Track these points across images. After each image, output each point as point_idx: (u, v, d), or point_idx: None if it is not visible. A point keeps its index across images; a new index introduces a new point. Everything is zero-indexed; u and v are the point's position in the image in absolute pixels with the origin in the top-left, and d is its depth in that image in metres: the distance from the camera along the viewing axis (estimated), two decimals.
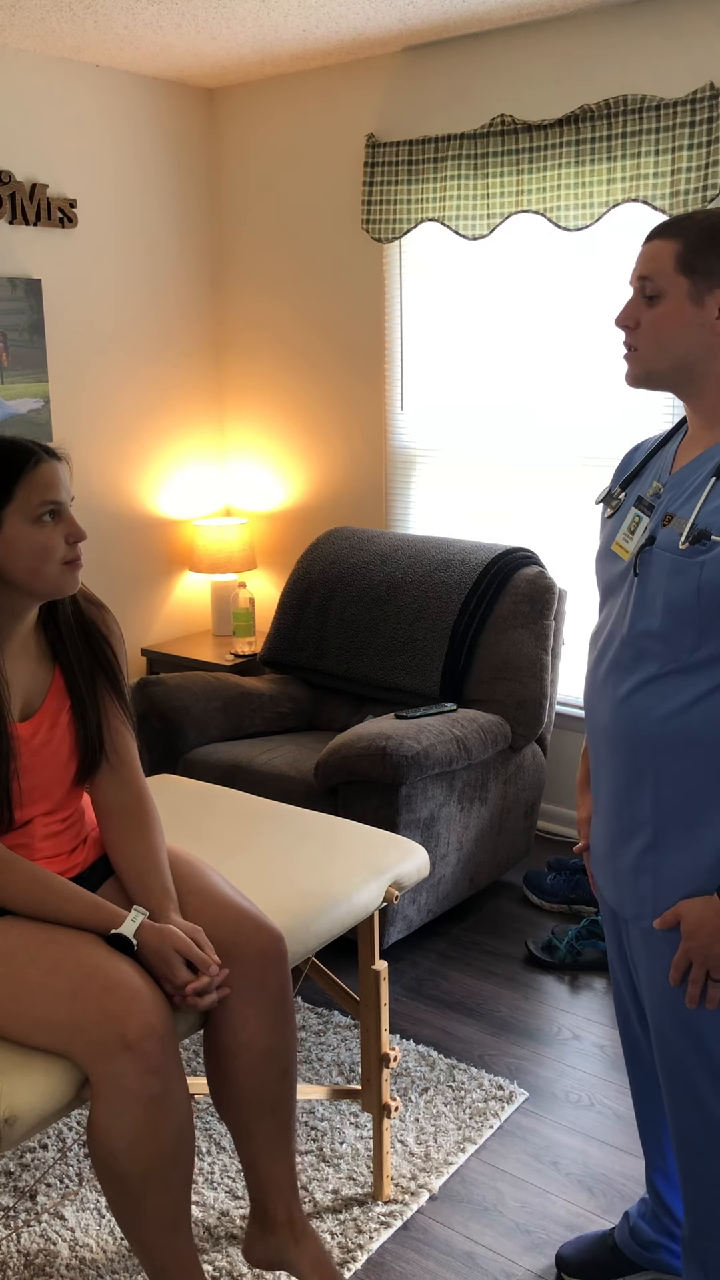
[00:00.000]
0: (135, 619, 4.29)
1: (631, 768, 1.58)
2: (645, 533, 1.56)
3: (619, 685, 1.58)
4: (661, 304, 1.51)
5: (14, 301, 3.68)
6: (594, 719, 1.66)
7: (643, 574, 1.55)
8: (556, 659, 3.38)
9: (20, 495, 1.66)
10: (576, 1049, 2.71)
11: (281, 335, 4.23)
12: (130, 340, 4.09)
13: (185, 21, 3.30)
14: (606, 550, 1.66)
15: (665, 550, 1.51)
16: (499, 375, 3.71)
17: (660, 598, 1.51)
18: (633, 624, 1.56)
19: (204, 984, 1.67)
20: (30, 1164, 2.32)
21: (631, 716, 1.56)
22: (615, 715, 1.59)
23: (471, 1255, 2.10)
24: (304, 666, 3.63)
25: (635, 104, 3.12)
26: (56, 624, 1.82)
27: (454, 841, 3.09)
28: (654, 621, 1.52)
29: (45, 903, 1.69)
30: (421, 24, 3.36)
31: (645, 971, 1.64)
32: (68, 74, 3.74)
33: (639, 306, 1.53)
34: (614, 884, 1.66)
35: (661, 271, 1.50)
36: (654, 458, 1.67)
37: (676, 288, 1.49)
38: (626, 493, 1.67)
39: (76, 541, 1.70)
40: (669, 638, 1.50)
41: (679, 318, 1.50)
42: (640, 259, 1.54)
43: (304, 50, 3.64)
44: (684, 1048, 1.60)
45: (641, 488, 1.63)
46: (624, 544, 1.60)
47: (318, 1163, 2.32)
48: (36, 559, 1.67)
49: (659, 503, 1.57)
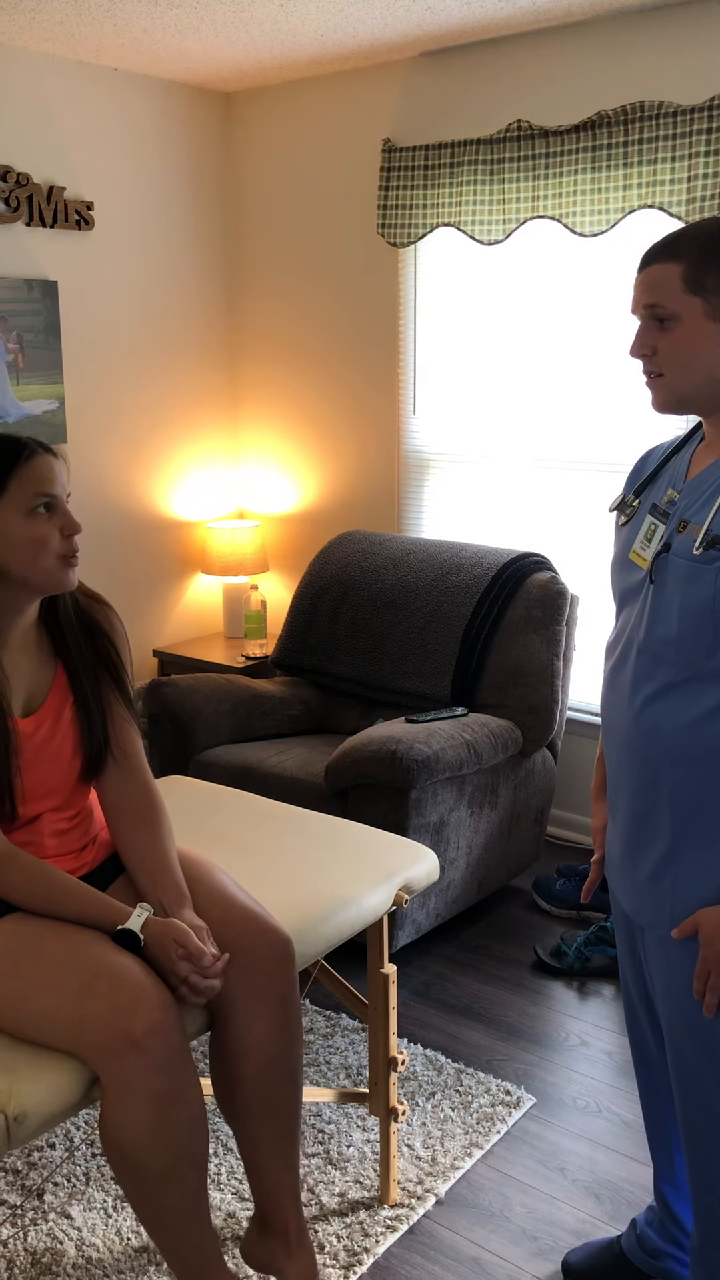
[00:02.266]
0: (147, 620, 4.30)
1: (649, 776, 1.57)
2: (661, 540, 1.55)
3: (636, 694, 1.57)
4: (678, 327, 1.48)
5: (30, 303, 3.70)
6: (611, 728, 1.65)
7: (658, 581, 1.54)
8: (568, 664, 3.38)
9: (13, 487, 1.66)
10: (584, 1055, 2.71)
11: (296, 338, 4.23)
12: (145, 343, 4.11)
13: (203, 25, 3.31)
14: (623, 559, 1.65)
15: (681, 557, 1.51)
16: (512, 381, 3.71)
17: (676, 604, 1.50)
18: (649, 631, 1.55)
19: (199, 973, 1.67)
20: (38, 1163, 2.32)
21: (649, 726, 1.55)
22: (633, 724, 1.58)
23: (477, 1261, 2.10)
24: (315, 669, 3.63)
25: (652, 110, 3.12)
26: (58, 620, 1.83)
27: (463, 846, 3.08)
28: (670, 628, 1.51)
29: (52, 899, 1.70)
30: (439, 29, 3.36)
31: (661, 980, 1.63)
32: (86, 77, 3.76)
33: (652, 334, 1.51)
34: (631, 892, 1.65)
35: (671, 295, 1.47)
36: (668, 464, 1.65)
37: (690, 308, 1.47)
38: (641, 500, 1.65)
39: (71, 534, 1.70)
40: (685, 644, 1.49)
41: (699, 337, 1.47)
42: (641, 286, 1.51)
43: (321, 55, 3.65)
44: (699, 1057, 1.60)
45: (656, 495, 1.62)
46: (641, 552, 1.59)
47: (324, 1165, 2.32)
48: (31, 551, 1.68)
49: (674, 510, 1.56)
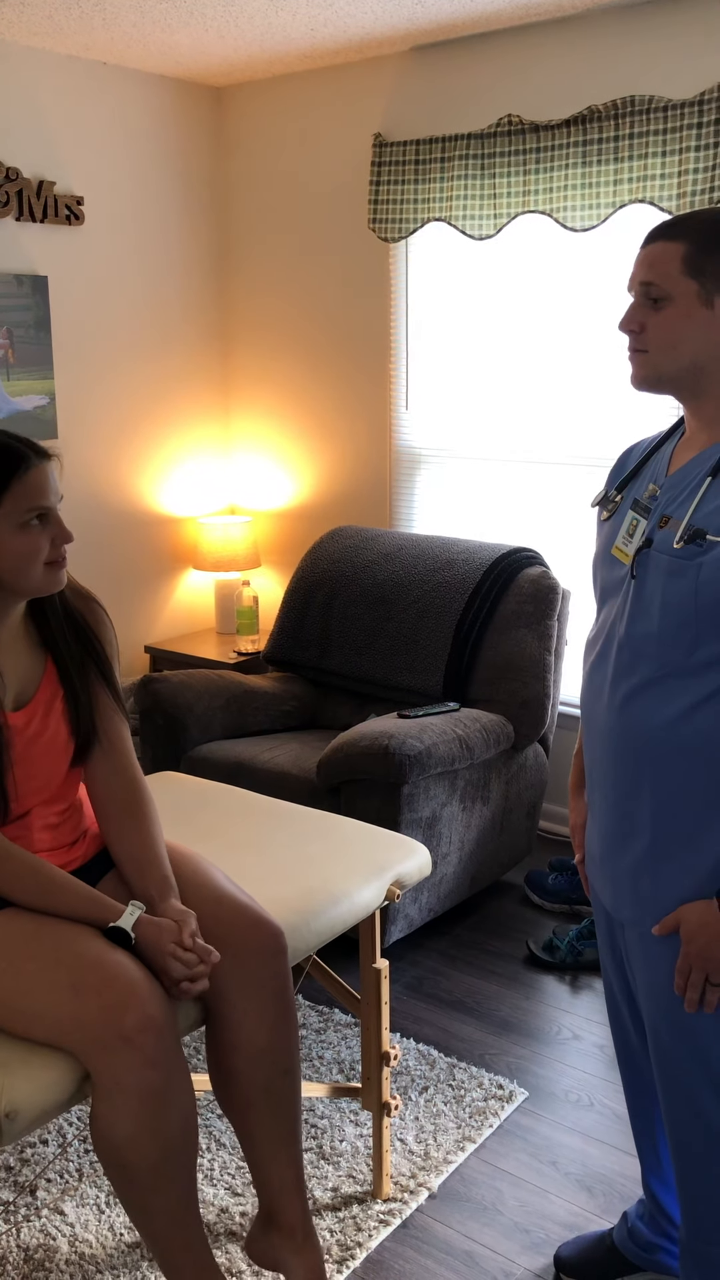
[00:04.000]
0: (139, 616, 4.30)
1: (630, 773, 1.57)
2: (643, 535, 1.54)
3: (616, 690, 1.56)
4: (669, 307, 1.48)
5: (20, 298, 3.69)
6: (591, 723, 1.64)
7: (640, 576, 1.53)
8: (559, 659, 3.38)
9: (8, 503, 1.65)
10: (576, 1049, 2.71)
11: (287, 334, 4.23)
12: (136, 338, 4.10)
13: (193, 20, 3.30)
14: (605, 554, 1.64)
15: (662, 552, 1.50)
16: (504, 375, 3.71)
17: (658, 600, 1.49)
18: (630, 627, 1.54)
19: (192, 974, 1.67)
20: (30, 1159, 2.32)
21: (630, 722, 1.54)
22: (613, 721, 1.57)
23: (470, 1254, 2.10)
24: (307, 665, 3.63)
25: (643, 105, 3.12)
26: (46, 615, 1.83)
27: (456, 841, 3.09)
28: (651, 624, 1.50)
29: (43, 894, 1.70)
30: (429, 24, 3.36)
31: (642, 976, 1.63)
32: (75, 72, 3.75)
33: (643, 310, 1.51)
34: (611, 887, 1.65)
35: (668, 275, 1.47)
36: (650, 460, 1.64)
37: (684, 290, 1.47)
38: (623, 495, 1.65)
39: (63, 544, 1.71)
40: (666, 640, 1.48)
41: (689, 320, 1.47)
42: (641, 262, 1.51)
43: (312, 49, 3.64)
44: (682, 1053, 1.60)
45: (638, 490, 1.61)
46: (624, 548, 1.58)
47: (318, 1160, 2.32)
48: (21, 561, 1.68)
49: (655, 504, 1.55)
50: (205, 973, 1.68)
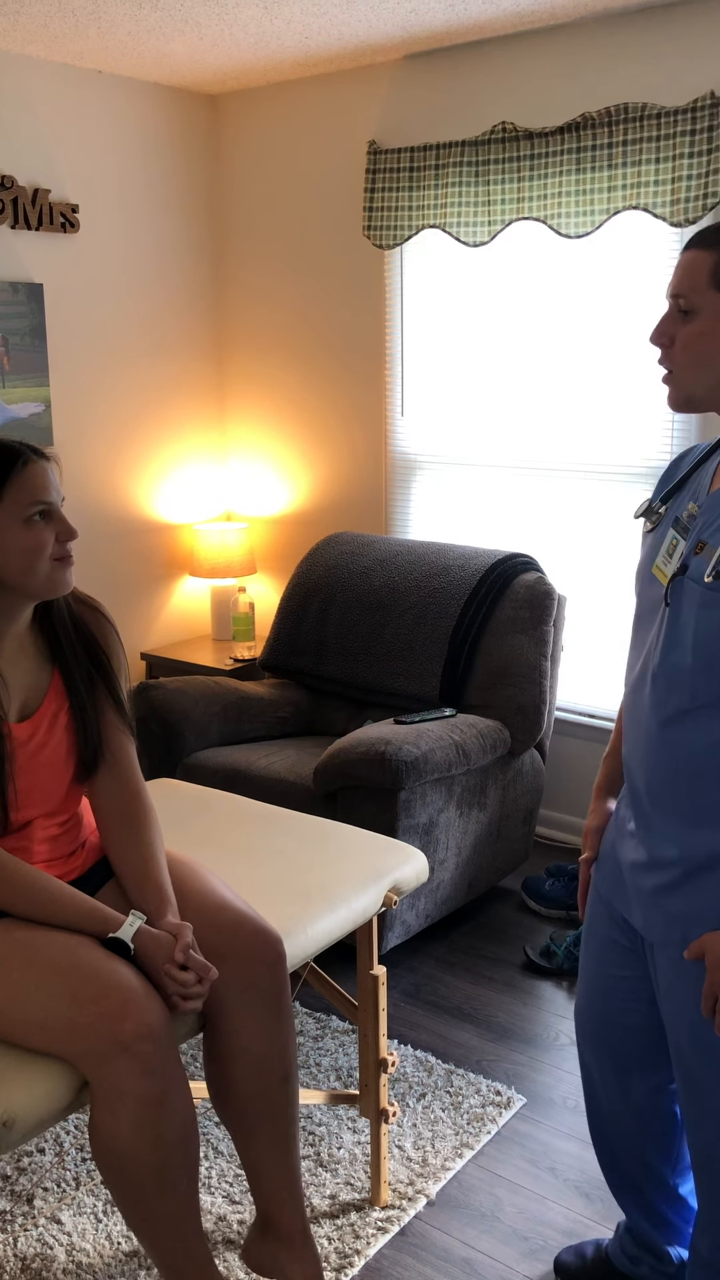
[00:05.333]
0: (135, 623, 4.29)
1: (666, 795, 1.55)
2: (679, 559, 1.49)
3: (654, 715, 1.53)
4: (696, 320, 1.43)
5: (15, 305, 3.69)
6: (630, 739, 1.62)
7: (674, 604, 1.49)
8: (555, 665, 3.39)
9: (10, 496, 1.66)
10: (574, 1055, 2.71)
11: (283, 342, 4.23)
12: (131, 346, 4.10)
13: (188, 28, 3.31)
14: (646, 570, 1.59)
15: (695, 582, 1.44)
16: (499, 382, 3.72)
17: (690, 632, 1.45)
18: (664, 656, 1.51)
19: (186, 984, 1.67)
20: (27, 1168, 2.32)
21: (667, 748, 1.52)
22: (651, 742, 1.55)
23: (469, 1261, 2.10)
24: (303, 671, 3.63)
25: (636, 112, 3.13)
26: (53, 625, 1.83)
27: (453, 847, 3.09)
28: (685, 657, 1.46)
29: (43, 905, 1.69)
30: (423, 32, 3.37)
31: (670, 995, 1.61)
32: (70, 80, 3.75)
33: (674, 322, 1.46)
34: (640, 905, 1.63)
35: (696, 287, 1.42)
36: (695, 473, 1.58)
37: (712, 304, 1.42)
38: (668, 508, 1.60)
39: (68, 540, 1.71)
40: (698, 673, 1.44)
41: (714, 336, 1.42)
42: (678, 270, 1.46)
43: (306, 57, 3.65)
44: (708, 1070, 1.58)
45: (679, 507, 1.56)
46: (663, 568, 1.53)
47: (315, 1168, 2.31)
48: (28, 558, 1.68)
49: (694, 525, 1.50)
50: (202, 992, 1.68)
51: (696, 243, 1.44)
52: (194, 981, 1.67)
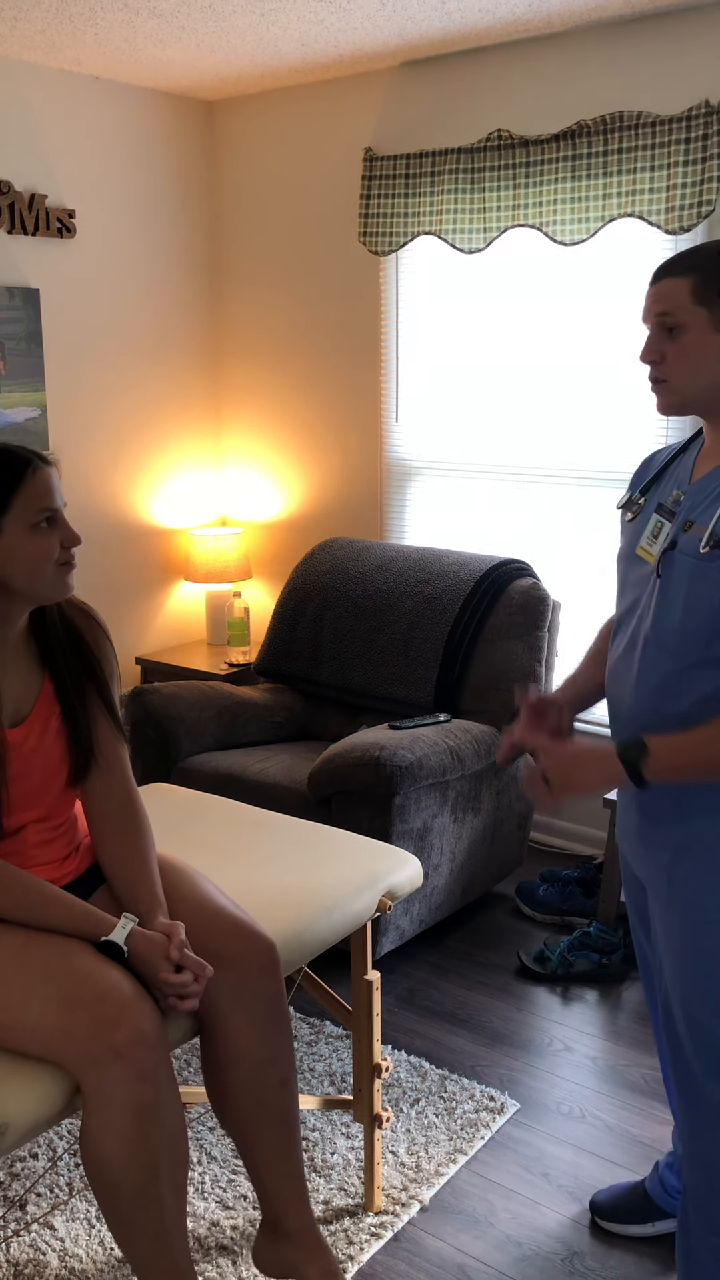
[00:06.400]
0: (130, 628, 4.29)
1: None
2: (668, 537, 1.67)
3: (643, 680, 1.69)
4: (685, 335, 1.61)
5: (12, 311, 3.69)
6: (615, 703, 1.77)
7: (665, 575, 1.66)
8: (550, 670, 3.39)
9: (19, 504, 1.67)
10: (568, 1060, 2.71)
11: (278, 347, 4.24)
12: (128, 351, 4.11)
13: (185, 35, 3.32)
14: (629, 552, 1.78)
15: (687, 554, 1.62)
16: (494, 388, 3.73)
17: (681, 598, 1.62)
18: (655, 622, 1.66)
19: (184, 985, 1.67)
20: (20, 1173, 2.31)
21: (653, 709, 1.67)
22: (637, 705, 1.69)
23: (462, 1267, 2.10)
24: (298, 676, 3.63)
25: (631, 120, 3.14)
26: (45, 630, 1.83)
27: (447, 852, 3.09)
28: (674, 620, 1.63)
29: (36, 910, 1.69)
30: (419, 39, 3.38)
31: (666, 957, 1.74)
32: (68, 86, 3.76)
33: (661, 340, 1.63)
34: (642, 857, 1.78)
35: (680, 306, 1.60)
36: (671, 466, 1.78)
37: (697, 319, 1.59)
38: (646, 499, 1.78)
39: (72, 545, 1.72)
40: (687, 634, 1.61)
41: (704, 346, 1.60)
42: (653, 297, 1.63)
43: (303, 64, 3.66)
44: (701, 1013, 1.69)
45: (662, 495, 1.74)
46: (648, 548, 1.71)
47: (309, 1173, 2.31)
48: (35, 564, 1.69)
49: (680, 509, 1.68)
50: (198, 991, 1.68)
51: (668, 271, 1.63)
52: (190, 981, 1.67)
